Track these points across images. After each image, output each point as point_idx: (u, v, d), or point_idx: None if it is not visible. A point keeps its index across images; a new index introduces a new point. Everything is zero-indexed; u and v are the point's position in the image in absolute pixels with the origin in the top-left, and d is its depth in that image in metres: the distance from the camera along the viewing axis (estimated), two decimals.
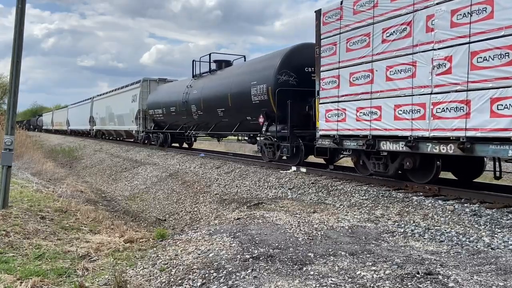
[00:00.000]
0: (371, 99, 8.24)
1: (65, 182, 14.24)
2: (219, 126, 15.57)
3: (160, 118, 20.80)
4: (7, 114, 7.50)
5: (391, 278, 3.70)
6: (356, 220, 6.29)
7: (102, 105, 32.06)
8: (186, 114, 17.49)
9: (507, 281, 3.59)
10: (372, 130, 8.21)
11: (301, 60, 11.77)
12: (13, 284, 4.18)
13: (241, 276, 3.93)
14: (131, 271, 4.66)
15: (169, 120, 19.96)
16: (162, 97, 20.60)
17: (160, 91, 21.65)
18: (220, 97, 14.56)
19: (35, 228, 6.22)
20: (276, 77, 11.69)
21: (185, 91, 17.55)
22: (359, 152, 9.02)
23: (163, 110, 19.91)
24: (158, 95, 21.29)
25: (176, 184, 12.58)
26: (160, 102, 20.41)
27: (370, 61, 8.25)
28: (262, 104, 12.32)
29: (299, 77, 11.74)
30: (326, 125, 9.45)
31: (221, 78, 15.50)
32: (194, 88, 17.03)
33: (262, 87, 12.21)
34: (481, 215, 6.12)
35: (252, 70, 13.36)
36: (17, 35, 7.39)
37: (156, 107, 20.88)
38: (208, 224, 7.64)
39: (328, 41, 9.35)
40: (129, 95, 25.41)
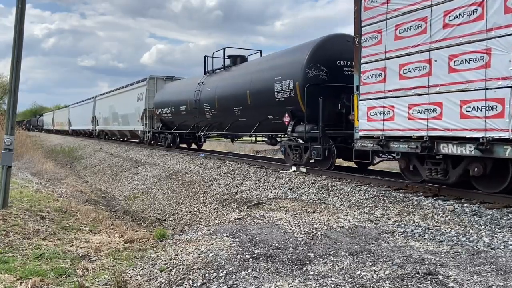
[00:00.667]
0: (428, 94, 7.08)
1: (65, 182, 14.24)
2: (235, 126, 14.50)
3: (168, 118, 19.76)
4: (7, 114, 7.50)
5: (391, 278, 3.70)
6: (356, 220, 6.29)
7: (105, 105, 30.99)
8: (198, 114, 16.39)
9: (507, 281, 3.59)
10: (430, 130, 7.07)
11: (332, 53, 10.71)
12: (13, 284, 4.18)
13: (241, 276, 3.93)
14: (131, 271, 4.66)
15: (178, 120, 18.93)
16: (170, 95, 19.53)
17: (168, 89, 20.59)
18: (238, 95, 13.47)
19: (35, 228, 6.22)
20: (305, 72, 10.52)
21: (196, 89, 16.41)
22: (409, 156, 7.90)
23: (172, 109, 18.86)
24: (166, 93, 20.22)
25: (176, 184, 12.58)
26: (169, 101, 19.35)
27: (427, 50, 7.11)
28: (287, 101, 11.23)
29: (330, 71, 10.61)
30: (368, 125, 8.34)
31: (238, 75, 14.34)
32: (207, 85, 15.91)
33: (287, 83, 11.09)
34: (481, 215, 6.12)
35: (275, 65, 12.20)
36: (17, 35, 7.40)
37: (164, 106, 19.82)
38: (208, 224, 7.65)
39: (371, 28, 8.23)
40: (134, 93, 24.42)
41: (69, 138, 41.75)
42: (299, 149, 11.23)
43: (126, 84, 27.41)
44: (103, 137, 33.43)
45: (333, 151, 10.22)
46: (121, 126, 27.55)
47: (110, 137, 32.28)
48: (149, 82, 22.63)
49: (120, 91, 28.12)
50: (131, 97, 24.78)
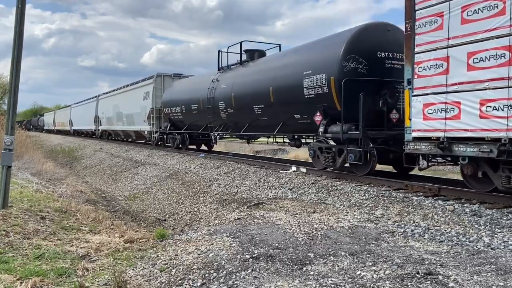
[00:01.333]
0: (508, 87, 6.01)
1: (65, 182, 14.24)
2: (254, 126, 13.34)
3: (177, 118, 18.64)
4: (7, 114, 7.51)
5: (391, 278, 3.70)
6: (356, 220, 6.29)
7: (109, 104, 29.81)
8: (211, 113, 15.18)
9: (507, 281, 3.59)
10: (511, 131, 6.01)
11: (371, 43, 9.57)
12: (13, 284, 4.18)
13: (241, 276, 3.93)
14: (131, 271, 4.66)
15: (188, 120, 17.81)
16: (180, 93, 18.47)
17: (177, 87, 19.50)
18: (258, 92, 12.39)
19: (35, 228, 6.22)
20: (342, 65, 9.38)
21: (210, 86, 15.20)
22: (478, 161, 6.85)
23: (182, 108, 17.73)
24: (175, 91, 19.14)
25: (176, 184, 12.58)
26: (178, 100, 18.24)
27: (507, 34, 6.02)
28: (319, 98, 10.05)
29: (369, 64, 9.46)
30: (424, 124, 7.23)
31: (258, 70, 13.18)
32: (222, 82, 14.79)
33: (320, 78, 9.90)
34: (481, 215, 6.12)
35: (303, 59, 11.02)
36: (17, 35, 7.40)
37: (173, 105, 18.69)
38: (208, 224, 7.65)
39: (429, 12, 7.15)
40: (140, 92, 23.12)
41: (69, 138, 41.70)
42: (332, 151, 10.03)
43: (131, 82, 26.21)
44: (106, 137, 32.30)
45: (373, 154, 9.09)
46: (125, 126, 26.34)
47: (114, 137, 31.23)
48: (156, 80, 21.47)
49: (124, 89, 26.98)
50: (136, 96, 23.61)
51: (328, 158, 10.16)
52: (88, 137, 37.79)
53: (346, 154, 9.38)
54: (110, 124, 29.69)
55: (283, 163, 13.60)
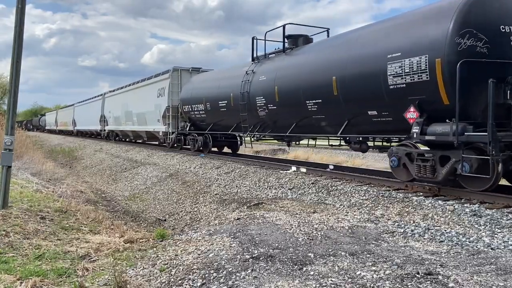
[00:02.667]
0: None
1: (65, 182, 14.24)
2: (305, 125, 11.10)
3: (199, 116, 16.53)
4: (7, 114, 7.51)
5: (391, 278, 3.70)
6: (356, 220, 6.29)
7: (117, 102, 27.74)
8: (246, 110, 12.97)
9: (507, 281, 3.59)
10: None
11: (491, 15, 7.26)
12: (13, 284, 4.18)
13: (241, 276, 3.93)
14: (131, 271, 4.66)
15: (213, 118, 15.68)
16: (203, 89, 16.31)
17: (199, 82, 17.32)
18: (315, 84, 10.12)
19: (35, 228, 6.22)
20: (455, 42, 7.02)
21: (244, 79, 13.06)
22: None
23: (206, 106, 15.59)
24: (197, 87, 16.99)
25: (176, 184, 12.59)
26: (201, 96, 16.08)
27: None
28: (412, 89, 7.72)
29: (491, 41, 7.11)
30: None
31: (311, 58, 10.79)
32: (259, 74, 12.63)
33: (416, 62, 7.55)
34: (481, 215, 6.12)
35: (387, 38, 8.50)
36: (17, 35, 7.40)
37: (194, 102, 16.58)
38: (208, 224, 7.65)
39: None
40: (153, 88, 20.98)
41: (70, 138, 41.64)
42: (430, 160, 7.57)
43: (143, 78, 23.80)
44: (113, 138, 30.21)
45: (498, 163, 6.79)
46: (136, 127, 24.12)
47: (122, 138, 29.22)
48: (172, 75, 19.16)
49: (135, 86, 24.73)
50: (149, 93, 21.41)
51: (423, 168, 7.67)
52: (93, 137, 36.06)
53: (456, 163, 7.13)
54: (118, 124, 27.73)
55: (283, 163, 13.61)
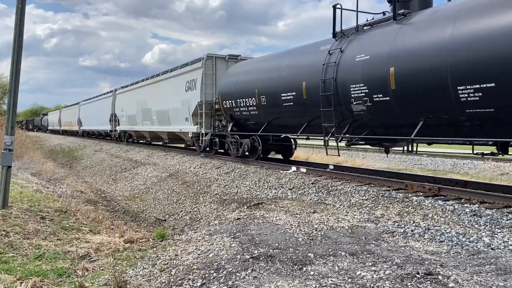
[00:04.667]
0: None
1: (65, 182, 14.24)
2: (445, 123, 7.65)
3: (247, 114, 13.12)
4: (7, 114, 7.51)
5: (391, 278, 3.70)
6: (356, 220, 6.29)
7: (131, 99, 24.54)
8: (331, 103, 9.42)
9: (507, 281, 3.59)
10: None
11: None
12: (13, 284, 4.18)
13: (241, 276, 3.93)
14: (131, 271, 4.66)
15: (270, 116, 12.22)
16: (254, 79, 12.77)
17: (245, 71, 13.69)
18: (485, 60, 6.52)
19: (35, 228, 6.22)
20: None
21: (326, 62, 9.59)
22: None
23: (261, 100, 12.17)
24: (243, 77, 13.46)
25: (176, 184, 12.59)
26: (251, 88, 12.60)
27: None
28: None
29: None
30: None
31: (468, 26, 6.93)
32: (352, 52, 9.15)
33: None
34: (481, 215, 6.12)
35: None
36: (17, 35, 7.40)
37: (240, 96, 13.18)
38: (208, 224, 7.65)
39: None
40: (181, 81, 17.75)
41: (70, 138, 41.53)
42: None
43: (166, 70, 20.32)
44: (125, 140, 26.63)
45: None
46: (156, 127, 20.91)
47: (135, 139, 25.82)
48: (206, 63, 15.96)
49: (156, 79, 21.33)
50: (175, 87, 18.33)
51: None
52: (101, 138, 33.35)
53: None
54: (132, 124, 24.43)
55: (283, 163, 13.60)
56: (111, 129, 29.22)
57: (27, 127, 62.94)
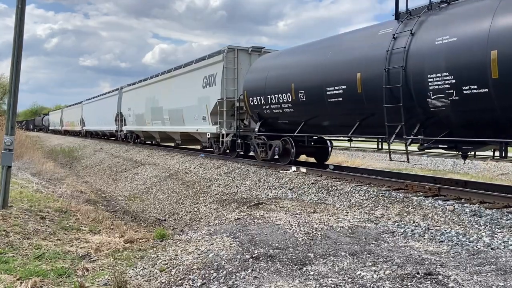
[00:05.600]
0: None
1: (65, 182, 14.24)
2: None
3: (279, 112, 11.56)
4: (7, 114, 7.51)
5: (391, 278, 3.70)
6: (356, 220, 6.29)
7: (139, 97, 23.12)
8: (398, 98, 7.88)
9: (507, 281, 3.59)
10: None
11: None
12: (13, 284, 4.18)
13: (241, 276, 3.93)
14: (131, 271, 4.66)
15: (309, 114, 10.59)
16: (288, 72, 11.21)
17: (277, 63, 12.10)
18: None
19: (35, 228, 6.22)
20: None
21: (391, 48, 8.04)
22: None
23: (298, 96, 10.54)
24: (274, 71, 11.86)
25: (176, 184, 12.59)
26: (286, 82, 11.08)
27: None
28: None
29: None
30: None
31: None
32: (427, 34, 7.64)
33: None
34: (481, 215, 6.12)
35: None
36: (17, 35, 7.40)
37: (271, 92, 11.66)
38: (208, 224, 7.65)
39: None
40: (197, 77, 16.28)
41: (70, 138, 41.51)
42: None
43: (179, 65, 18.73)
44: (132, 140, 25.39)
45: None
46: (168, 127, 19.44)
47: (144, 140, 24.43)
48: (227, 56, 14.34)
49: (168, 75, 19.76)
50: (190, 83, 16.84)
51: None
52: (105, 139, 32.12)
53: None
54: (141, 124, 23.00)
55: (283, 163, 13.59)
56: (116, 129, 27.96)
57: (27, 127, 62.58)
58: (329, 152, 12.74)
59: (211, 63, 15.45)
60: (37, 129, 70.79)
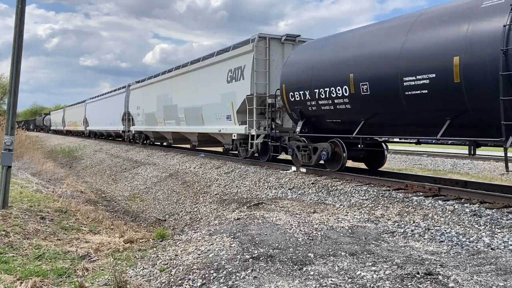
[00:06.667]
0: None
1: (65, 182, 14.24)
2: None
3: (329, 108, 9.69)
4: (7, 114, 7.51)
5: (391, 278, 3.70)
6: (356, 220, 6.29)
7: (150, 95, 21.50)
8: None
9: (507, 281, 3.59)
10: None
11: None
12: (13, 284, 4.18)
13: (241, 276, 3.93)
14: (131, 271, 4.66)
15: (372, 111, 8.77)
16: (343, 60, 9.28)
17: (322, 52, 10.17)
18: None
19: (35, 228, 6.22)
20: None
21: (509, 22, 6.27)
22: None
23: (361, 89, 8.66)
24: (322, 58, 10.00)
25: (176, 184, 12.59)
26: (338, 72, 9.27)
27: None
28: None
29: None
30: None
31: None
32: None
33: None
34: (481, 215, 6.12)
35: None
36: (17, 35, 7.40)
37: (318, 85, 9.82)
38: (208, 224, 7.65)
39: None
40: (220, 70, 14.45)
41: (70, 138, 41.48)
42: None
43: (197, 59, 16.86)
44: (140, 141, 23.94)
45: None
46: (184, 127, 17.82)
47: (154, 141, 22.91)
48: (257, 45, 12.57)
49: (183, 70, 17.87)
50: (213, 78, 15.09)
51: None
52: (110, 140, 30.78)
53: None
54: (151, 124, 21.50)
55: (283, 163, 13.60)
56: (124, 129, 26.34)
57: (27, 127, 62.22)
58: (385, 156, 10.91)
59: (237, 54, 13.61)
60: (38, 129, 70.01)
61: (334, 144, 9.98)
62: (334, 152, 9.93)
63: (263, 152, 12.70)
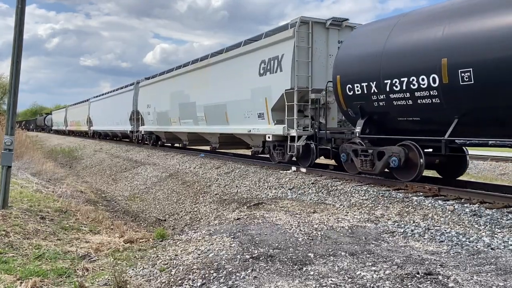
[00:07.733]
0: None
1: (65, 182, 14.24)
2: None
3: (405, 103, 7.83)
4: (7, 114, 7.51)
5: (391, 278, 3.70)
6: (356, 220, 6.29)
7: (162, 92, 19.57)
8: None
9: (507, 281, 3.59)
10: None
11: None
12: (13, 284, 4.18)
13: (241, 276, 3.93)
14: (131, 271, 4.66)
15: (471, 107, 6.89)
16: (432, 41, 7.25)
17: (395, 31, 8.15)
18: None
19: (35, 228, 6.22)
20: None
21: None
22: None
23: (460, 78, 6.78)
24: (396, 40, 8.04)
25: (176, 184, 12.59)
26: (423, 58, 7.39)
27: None
28: None
29: None
30: None
31: None
32: None
33: None
34: (481, 215, 6.12)
35: None
36: (17, 35, 7.40)
37: (389, 76, 7.99)
38: (208, 224, 7.65)
39: None
40: (251, 62, 12.62)
41: (70, 138, 41.46)
42: None
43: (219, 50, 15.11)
44: (150, 143, 22.09)
45: None
46: (204, 127, 15.94)
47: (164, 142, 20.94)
48: (298, 31, 10.78)
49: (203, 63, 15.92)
50: (241, 70, 13.22)
51: None
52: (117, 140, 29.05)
53: None
54: (164, 123, 19.73)
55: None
56: (132, 129, 24.39)
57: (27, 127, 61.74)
58: (467, 162, 8.86)
59: (273, 42, 11.71)
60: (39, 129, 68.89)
61: (407, 148, 8.04)
62: (408, 157, 8.00)
63: (304, 155, 10.90)
